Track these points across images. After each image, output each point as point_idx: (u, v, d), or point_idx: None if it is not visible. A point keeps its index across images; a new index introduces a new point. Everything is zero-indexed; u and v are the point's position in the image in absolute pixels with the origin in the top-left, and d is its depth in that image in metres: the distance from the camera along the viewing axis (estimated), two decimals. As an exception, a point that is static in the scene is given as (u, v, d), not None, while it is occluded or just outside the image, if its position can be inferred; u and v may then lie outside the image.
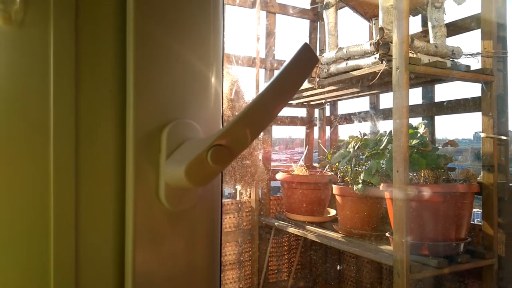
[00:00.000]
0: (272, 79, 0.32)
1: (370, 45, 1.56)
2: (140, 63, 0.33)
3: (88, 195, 0.32)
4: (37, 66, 0.31)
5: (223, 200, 2.37)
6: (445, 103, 1.91)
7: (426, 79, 1.70)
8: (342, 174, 2.02)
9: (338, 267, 2.46)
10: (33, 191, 0.31)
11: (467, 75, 1.57)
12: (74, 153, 0.32)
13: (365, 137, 1.90)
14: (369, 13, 2.10)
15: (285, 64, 0.34)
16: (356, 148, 1.83)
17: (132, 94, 0.33)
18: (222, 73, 0.41)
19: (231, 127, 0.31)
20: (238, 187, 2.27)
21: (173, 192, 0.34)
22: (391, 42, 1.42)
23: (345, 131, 2.75)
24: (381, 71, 1.45)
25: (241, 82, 1.93)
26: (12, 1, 0.30)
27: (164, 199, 0.34)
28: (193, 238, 0.36)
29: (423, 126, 1.63)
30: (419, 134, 1.57)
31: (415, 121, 2.08)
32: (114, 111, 0.34)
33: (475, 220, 1.91)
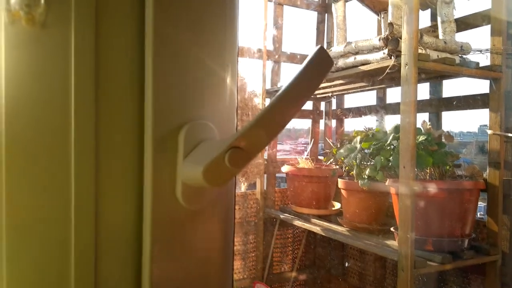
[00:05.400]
0: (288, 83, 0.33)
1: (379, 40, 1.56)
2: (158, 65, 0.34)
3: (108, 194, 0.33)
4: (58, 65, 0.32)
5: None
6: (452, 100, 1.90)
7: (435, 75, 1.70)
8: (347, 168, 2.03)
9: (342, 260, 2.48)
10: (54, 189, 0.32)
11: (476, 72, 1.56)
12: (94, 152, 0.33)
13: (371, 131, 1.90)
14: (378, 7, 2.09)
15: (301, 67, 0.34)
16: (361, 143, 1.83)
17: (150, 95, 0.34)
18: (237, 73, 0.41)
19: (248, 130, 0.31)
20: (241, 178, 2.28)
21: (189, 191, 0.35)
22: (400, 38, 1.41)
23: (352, 125, 2.74)
24: (390, 66, 1.45)
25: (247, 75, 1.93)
26: (37, 4, 0.30)
27: (181, 197, 0.35)
28: (208, 235, 0.37)
29: (427, 123, 1.63)
30: (423, 131, 1.57)
31: (422, 116, 2.07)
32: (133, 111, 0.34)
33: (479, 213, 1.91)
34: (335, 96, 2.60)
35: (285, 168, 2.31)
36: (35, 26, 0.32)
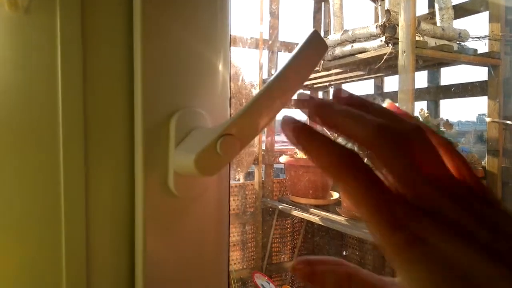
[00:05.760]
0: (281, 68, 0.32)
1: (376, 27, 1.55)
2: (148, 50, 0.33)
3: (98, 184, 0.33)
4: (44, 52, 0.31)
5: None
6: (451, 87, 1.90)
7: (433, 62, 1.69)
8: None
9: (340, 250, 2.49)
10: (42, 180, 0.31)
11: (474, 58, 1.55)
12: (83, 141, 0.32)
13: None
14: (375, -6, 2.07)
15: (294, 52, 0.33)
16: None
17: (140, 82, 0.33)
18: (230, 60, 0.40)
19: (241, 117, 0.30)
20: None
21: (182, 180, 0.34)
22: (398, 25, 1.40)
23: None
24: (387, 54, 1.44)
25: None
26: (18, -12, 0.29)
27: (173, 186, 0.34)
28: (202, 224, 0.37)
29: (425, 111, 1.63)
30: (421, 119, 1.56)
31: (420, 104, 2.07)
32: (123, 99, 0.34)
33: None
34: (332, 86, 2.59)
35: (283, 159, 2.31)
36: (18, 11, 0.31)
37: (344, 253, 2.46)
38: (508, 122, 1.60)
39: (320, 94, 2.67)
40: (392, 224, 0.20)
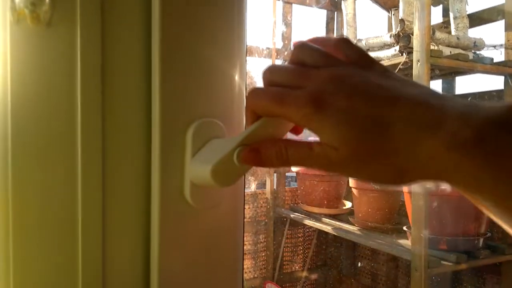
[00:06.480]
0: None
1: (390, 37, 1.54)
2: (165, 62, 0.34)
3: (115, 194, 0.33)
4: (64, 64, 0.32)
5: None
6: (466, 96, 1.87)
7: (448, 72, 1.67)
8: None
9: (353, 260, 2.46)
10: (60, 189, 0.31)
11: (490, 67, 1.53)
12: (101, 150, 0.32)
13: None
14: (388, 4, 2.07)
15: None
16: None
17: (157, 92, 0.33)
18: (245, 71, 0.41)
19: (257, 128, 0.31)
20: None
21: (198, 191, 0.34)
22: (412, 34, 1.39)
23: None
24: (402, 63, 1.43)
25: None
26: (41, 2, 0.30)
27: (189, 197, 0.34)
28: (217, 235, 0.37)
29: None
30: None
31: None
32: (140, 109, 0.34)
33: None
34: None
35: (295, 168, 2.30)
36: (40, 24, 0.31)
37: (358, 264, 2.43)
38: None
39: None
40: (295, 106, 0.28)
